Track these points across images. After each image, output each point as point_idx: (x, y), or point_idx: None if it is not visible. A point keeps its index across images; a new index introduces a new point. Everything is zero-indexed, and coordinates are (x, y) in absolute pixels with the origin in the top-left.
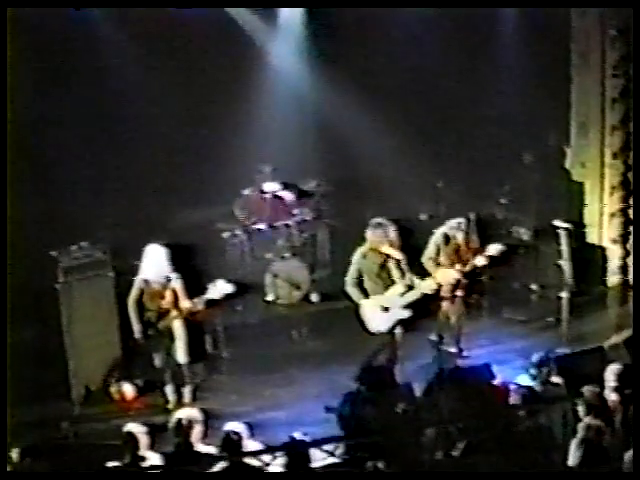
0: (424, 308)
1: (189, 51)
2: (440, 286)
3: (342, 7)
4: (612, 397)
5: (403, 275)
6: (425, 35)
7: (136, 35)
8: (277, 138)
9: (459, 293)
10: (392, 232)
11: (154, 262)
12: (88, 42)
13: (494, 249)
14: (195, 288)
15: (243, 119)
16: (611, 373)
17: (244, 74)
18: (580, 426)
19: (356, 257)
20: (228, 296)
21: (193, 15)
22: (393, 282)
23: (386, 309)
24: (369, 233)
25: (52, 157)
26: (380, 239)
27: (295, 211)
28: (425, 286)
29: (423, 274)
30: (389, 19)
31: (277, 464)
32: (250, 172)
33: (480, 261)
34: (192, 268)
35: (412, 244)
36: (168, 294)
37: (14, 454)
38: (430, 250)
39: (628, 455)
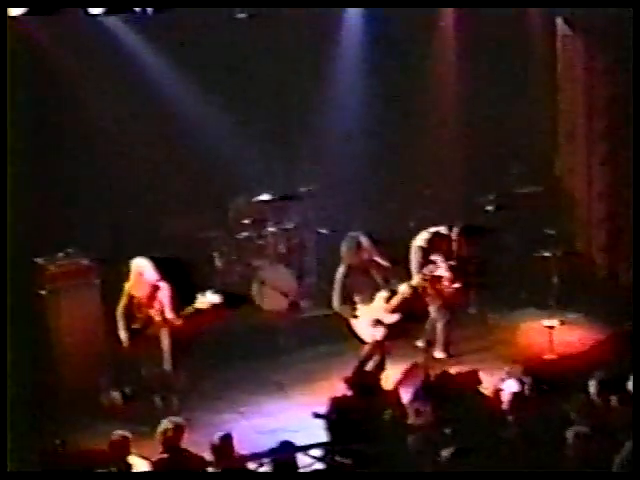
0: (412, 314)
1: (182, 58)
2: (424, 288)
3: (343, 7)
4: (598, 403)
5: (388, 281)
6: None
7: (133, 39)
8: (265, 146)
9: (444, 294)
10: (365, 242)
11: (138, 275)
12: (88, 46)
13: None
14: (183, 296)
15: (231, 125)
16: (595, 380)
17: (233, 81)
18: (568, 432)
19: (338, 276)
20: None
21: (182, 17)
22: (380, 288)
23: (377, 321)
24: (343, 249)
25: (40, 165)
26: (355, 252)
27: (283, 218)
28: (407, 287)
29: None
30: (387, 19)
31: (264, 470)
32: (238, 180)
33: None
34: (179, 276)
35: (401, 251)
36: (156, 303)
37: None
38: (415, 256)
39: (617, 459)
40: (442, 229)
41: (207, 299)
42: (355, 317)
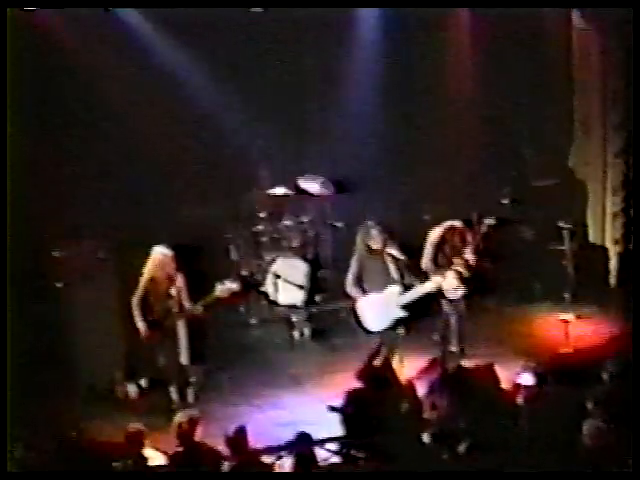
0: (426, 307)
1: (189, 50)
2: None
3: (348, 7)
4: (613, 394)
5: (402, 275)
6: (425, 35)
7: (137, 32)
8: (280, 138)
9: (460, 292)
10: (377, 231)
11: (159, 263)
12: (88, 42)
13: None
14: (198, 288)
15: (245, 118)
16: (607, 371)
17: (243, 73)
18: (585, 426)
19: (355, 260)
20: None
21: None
22: (393, 281)
23: (384, 309)
24: (357, 239)
25: (54, 155)
26: (368, 241)
27: (298, 211)
28: (424, 288)
29: (423, 276)
30: (389, 19)
31: (282, 463)
32: (253, 172)
33: (469, 255)
34: (195, 268)
35: (415, 244)
36: (174, 294)
37: (18, 450)
38: (428, 252)
39: None
40: (456, 223)
41: (227, 287)
42: (360, 302)
